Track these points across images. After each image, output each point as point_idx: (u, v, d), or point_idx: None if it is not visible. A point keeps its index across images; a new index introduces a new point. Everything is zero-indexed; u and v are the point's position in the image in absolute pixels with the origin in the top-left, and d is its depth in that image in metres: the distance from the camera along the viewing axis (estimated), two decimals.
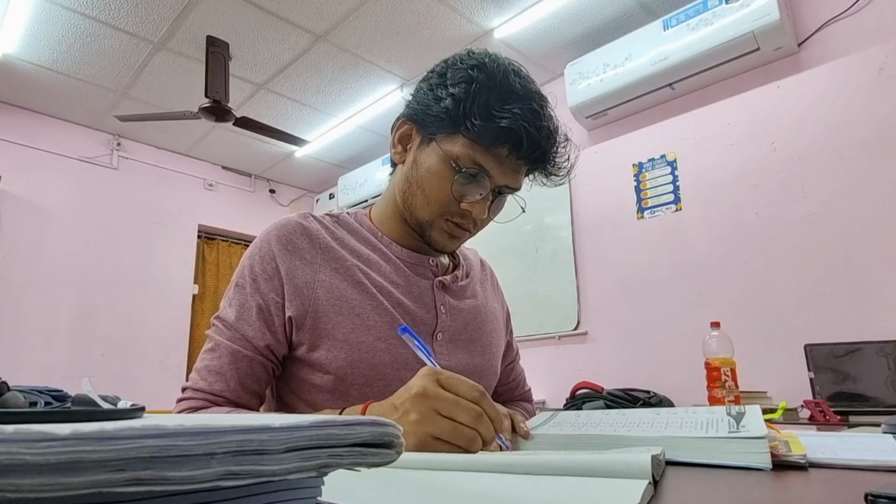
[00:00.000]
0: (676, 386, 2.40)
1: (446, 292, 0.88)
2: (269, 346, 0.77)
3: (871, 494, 0.31)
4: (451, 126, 0.76)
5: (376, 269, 0.83)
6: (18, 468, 0.16)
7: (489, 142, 0.75)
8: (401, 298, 0.82)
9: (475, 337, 0.90)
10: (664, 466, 0.48)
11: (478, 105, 0.74)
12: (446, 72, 0.79)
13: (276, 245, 0.80)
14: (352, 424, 0.26)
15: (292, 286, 0.78)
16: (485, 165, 0.76)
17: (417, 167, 0.81)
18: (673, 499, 0.38)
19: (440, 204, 0.79)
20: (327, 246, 0.82)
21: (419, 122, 0.82)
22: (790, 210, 2.35)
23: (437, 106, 0.77)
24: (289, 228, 0.82)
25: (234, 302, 0.79)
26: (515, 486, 0.40)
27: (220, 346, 0.77)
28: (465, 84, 0.75)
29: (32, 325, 3.45)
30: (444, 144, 0.77)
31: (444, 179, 0.78)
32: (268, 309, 0.77)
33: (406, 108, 0.84)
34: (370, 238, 0.87)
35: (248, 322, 0.77)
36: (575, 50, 3.05)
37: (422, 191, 0.80)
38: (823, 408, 1.68)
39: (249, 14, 2.80)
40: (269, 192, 4.75)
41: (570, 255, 3.03)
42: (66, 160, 3.75)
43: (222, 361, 0.76)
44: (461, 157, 0.76)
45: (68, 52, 3.06)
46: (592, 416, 0.75)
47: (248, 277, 0.79)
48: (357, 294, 0.80)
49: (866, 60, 2.24)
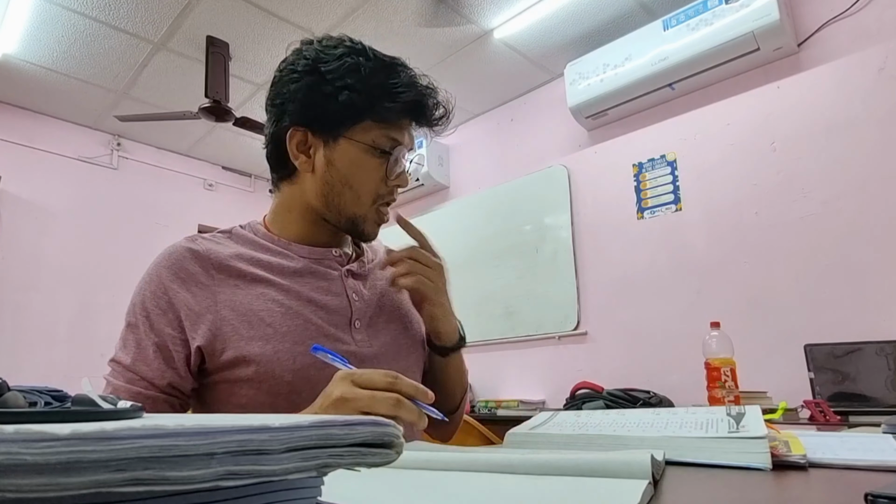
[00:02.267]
0: (676, 386, 2.40)
1: (356, 279, 0.88)
2: (171, 384, 0.75)
3: (871, 494, 0.31)
4: (355, 116, 0.79)
5: (279, 273, 0.82)
6: (18, 468, 0.16)
7: (396, 117, 0.80)
8: (311, 295, 0.82)
9: (393, 317, 0.90)
10: (664, 466, 0.48)
11: (377, 89, 0.78)
12: (316, 68, 0.79)
13: (166, 276, 0.78)
14: (352, 424, 0.26)
15: (193, 315, 0.76)
16: (398, 138, 0.81)
17: (335, 167, 0.81)
18: (673, 499, 0.38)
19: (373, 191, 0.82)
20: (221, 264, 0.80)
21: (312, 125, 0.81)
22: (790, 210, 2.35)
23: (333, 103, 0.78)
24: (177, 256, 0.80)
25: (128, 343, 0.76)
26: (515, 485, 0.40)
27: (119, 390, 0.74)
28: (354, 73, 0.78)
29: (32, 325, 3.45)
30: (356, 136, 0.80)
31: (371, 167, 0.81)
32: (165, 346, 0.75)
33: (286, 118, 0.81)
34: (268, 245, 0.86)
35: (146, 362, 0.75)
36: (575, 50, 3.05)
37: (349, 187, 0.81)
38: (823, 408, 1.68)
39: (249, 14, 2.80)
40: (269, 193, 4.73)
41: (570, 255, 3.03)
42: (66, 160, 3.75)
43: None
44: (378, 140, 0.80)
45: (68, 52, 3.06)
46: (593, 416, 0.75)
47: (139, 316, 0.77)
48: (264, 303, 0.78)
49: (866, 60, 2.24)
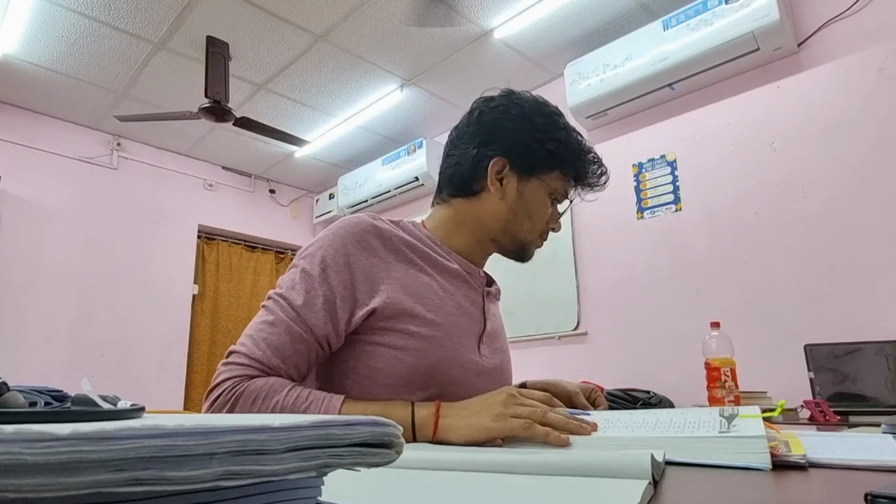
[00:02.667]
0: (676, 386, 2.40)
1: (488, 301, 0.99)
2: (326, 337, 0.81)
3: (871, 494, 0.31)
4: (551, 164, 0.94)
5: (441, 271, 0.92)
6: (18, 468, 0.16)
7: (575, 176, 0.97)
8: (461, 301, 0.92)
9: (502, 342, 1.01)
10: (664, 467, 0.48)
11: (574, 150, 0.95)
12: (531, 117, 0.94)
13: (350, 241, 0.84)
14: (352, 424, 0.26)
15: (368, 281, 0.83)
16: (569, 192, 0.99)
17: (524, 199, 0.95)
18: (673, 499, 0.38)
19: (543, 226, 0.98)
20: (398, 248, 0.88)
21: (515, 160, 0.94)
22: (790, 210, 2.35)
23: (541, 149, 0.93)
24: (362, 227, 0.86)
25: (299, 287, 0.81)
26: (515, 485, 0.40)
27: (282, 322, 0.79)
28: (563, 132, 0.94)
29: (32, 325, 3.45)
30: (546, 179, 0.94)
31: (546, 206, 0.96)
32: (333, 300, 0.81)
33: (493, 146, 0.94)
34: (432, 245, 0.95)
35: (313, 310, 0.80)
36: (575, 50, 3.05)
37: (528, 217, 0.95)
38: (823, 408, 1.68)
39: (249, 14, 2.80)
40: (268, 193, 4.75)
41: (570, 255, 3.03)
42: (66, 160, 3.75)
43: (282, 339, 0.78)
44: (559, 189, 0.96)
45: (68, 52, 3.06)
46: (588, 417, 0.75)
47: (318, 267, 0.82)
48: (429, 291, 0.87)
49: (866, 60, 2.24)
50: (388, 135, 3.97)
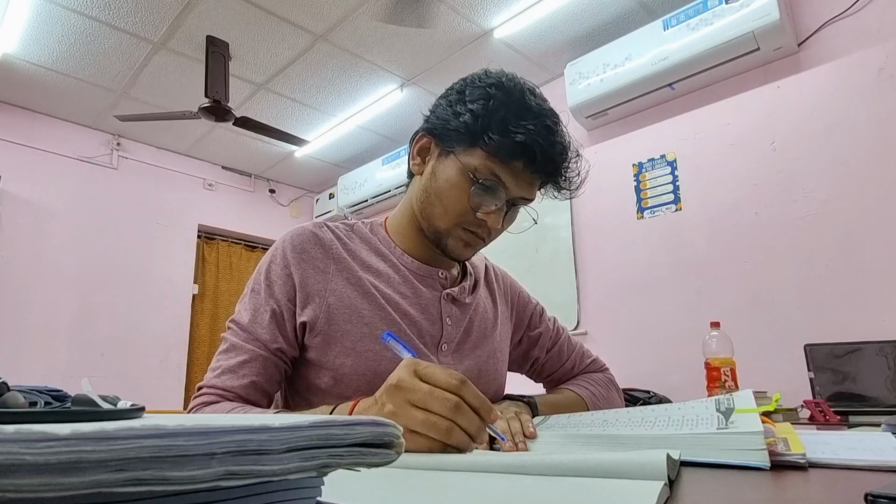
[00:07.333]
0: (676, 386, 2.40)
1: (453, 304, 0.92)
2: (280, 349, 0.81)
3: (871, 494, 0.31)
4: (469, 140, 0.81)
5: (386, 281, 0.87)
6: (18, 468, 0.16)
7: (505, 155, 0.79)
8: (408, 310, 0.86)
9: (480, 343, 0.94)
10: (679, 467, 0.47)
11: (495, 121, 0.78)
12: (465, 89, 0.84)
13: (290, 253, 0.84)
14: (352, 424, 0.26)
15: (305, 292, 0.82)
16: (501, 177, 0.81)
17: (436, 178, 0.85)
18: (691, 500, 0.38)
19: (457, 213, 0.83)
20: (339, 257, 0.86)
21: (438, 135, 0.86)
22: (790, 210, 2.35)
23: (455, 121, 0.82)
24: (303, 238, 0.86)
25: (248, 306, 0.83)
26: (526, 487, 0.40)
27: (235, 346, 0.81)
28: (482, 101, 0.80)
29: (32, 325, 3.45)
30: (462, 157, 0.82)
31: (462, 190, 0.82)
32: (280, 313, 0.81)
33: (425, 123, 0.89)
34: (382, 249, 0.91)
35: (262, 325, 0.81)
36: (575, 50, 3.05)
37: (440, 200, 0.84)
38: (823, 408, 1.68)
39: (249, 14, 2.80)
40: (268, 192, 4.74)
41: (570, 255, 3.03)
42: (66, 160, 3.75)
43: (236, 361, 0.80)
44: (479, 168, 0.80)
45: (68, 52, 3.06)
46: (584, 416, 0.75)
47: (262, 283, 0.84)
48: (367, 304, 0.84)
49: (866, 60, 2.24)
50: (388, 134, 3.97)
